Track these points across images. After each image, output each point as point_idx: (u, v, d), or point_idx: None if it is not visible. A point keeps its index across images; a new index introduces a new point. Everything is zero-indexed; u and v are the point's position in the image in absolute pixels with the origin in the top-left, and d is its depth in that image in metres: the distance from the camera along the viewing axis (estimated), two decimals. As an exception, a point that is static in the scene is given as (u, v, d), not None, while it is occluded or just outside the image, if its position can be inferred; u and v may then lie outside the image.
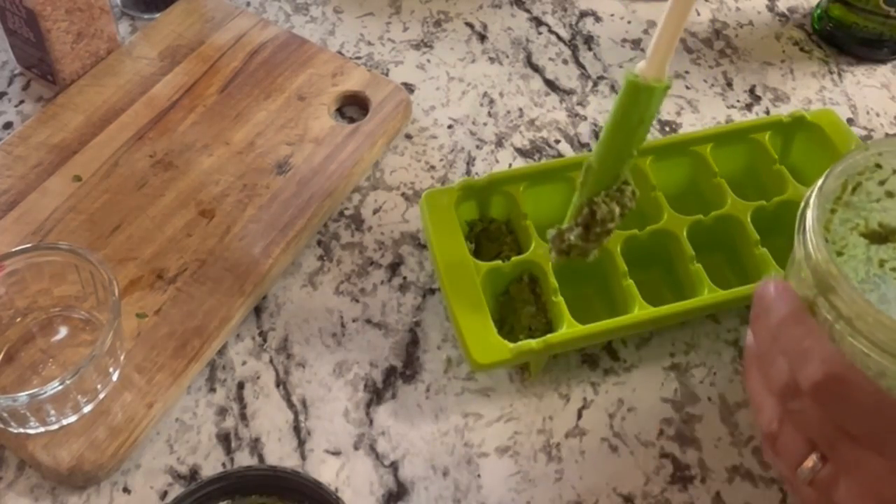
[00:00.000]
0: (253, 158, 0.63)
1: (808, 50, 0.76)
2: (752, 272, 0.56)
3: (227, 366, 0.55)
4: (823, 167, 0.60)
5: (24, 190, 0.60)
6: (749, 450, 0.53)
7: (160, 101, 0.66)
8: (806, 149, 0.63)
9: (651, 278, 0.57)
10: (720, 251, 0.59)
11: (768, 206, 0.58)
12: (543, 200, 0.59)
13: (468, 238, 0.58)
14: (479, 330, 0.52)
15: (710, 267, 0.56)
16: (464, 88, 0.71)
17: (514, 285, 0.57)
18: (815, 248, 0.41)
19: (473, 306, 0.53)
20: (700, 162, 0.61)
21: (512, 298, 0.56)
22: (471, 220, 0.60)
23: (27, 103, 0.68)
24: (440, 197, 0.58)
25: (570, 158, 0.62)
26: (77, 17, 0.65)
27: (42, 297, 0.54)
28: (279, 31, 0.71)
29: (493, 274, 0.55)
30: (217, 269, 0.57)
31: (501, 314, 0.56)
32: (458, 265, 0.55)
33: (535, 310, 0.55)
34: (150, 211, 0.59)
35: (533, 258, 0.56)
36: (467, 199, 0.59)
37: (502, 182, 0.59)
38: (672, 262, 0.58)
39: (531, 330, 0.55)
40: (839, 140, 0.62)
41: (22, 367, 0.52)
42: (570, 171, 0.59)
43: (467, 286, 0.54)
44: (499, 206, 0.60)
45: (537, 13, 0.78)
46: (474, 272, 0.55)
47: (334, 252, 0.61)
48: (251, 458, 0.52)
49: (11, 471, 0.50)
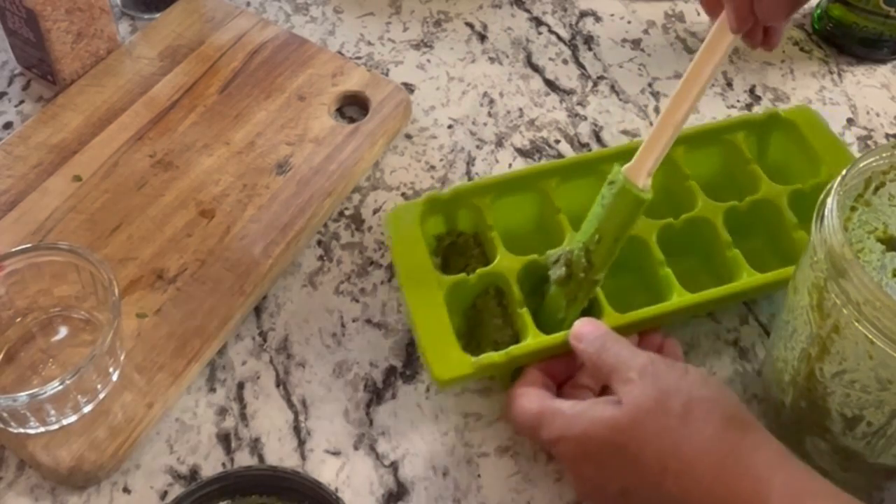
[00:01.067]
0: (253, 158, 0.63)
1: (808, 50, 0.76)
2: (724, 274, 0.56)
3: (227, 366, 0.55)
4: (801, 165, 0.60)
5: (24, 190, 0.60)
6: (749, 450, 0.53)
7: (160, 101, 0.66)
8: (783, 147, 0.63)
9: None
10: (693, 255, 0.58)
11: (740, 207, 0.58)
12: (511, 211, 0.59)
13: (436, 252, 0.58)
14: (440, 345, 0.51)
15: (683, 271, 0.55)
16: (464, 88, 0.71)
17: (480, 298, 0.56)
18: (832, 233, 0.41)
19: (435, 321, 0.52)
20: (670, 165, 0.59)
21: (479, 311, 0.56)
22: (439, 234, 0.59)
23: (27, 103, 0.68)
24: (405, 212, 0.57)
25: (535, 167, 0.60)
26: (77, 17, 0.65)
27: (42, 297, 0.54)
28: (279, 31, 0.71)
29: (458, 287, 0.54)
30: (217, 269, 0.57)
31: (469, 328, 0.55)
32: (421, 280, 0.54)
33: (502, 322, 0.55)
34: (150, 211, 0.59)
35: (497, 270, 0.55)
36: (434, 214, 0.58)
37: (468, 195, 0.58)
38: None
39: (497, 343, 0.53)
40: (817, 137, 0.61)
41: (22, 367, 0.52)
42: (538, 182, 0.58)
43: (430, 301, 0.53)
44: (466, 219, 0.59)
45: (537, 13, 0.77)
46: (437, 287, 0.54)
47: (334, 252, 0.61)
48: (251, 458, 0.52)
49: (11, 471, 0.50)
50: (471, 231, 0.59)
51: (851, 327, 0.41)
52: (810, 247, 0.44)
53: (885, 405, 0.43)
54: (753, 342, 0.57)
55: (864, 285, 0.40)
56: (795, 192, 0.59)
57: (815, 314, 0.44)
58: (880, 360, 0.41)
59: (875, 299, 0.39)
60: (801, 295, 0.45)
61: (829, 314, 0.42)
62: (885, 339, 0.40)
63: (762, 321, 0.58)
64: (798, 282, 0.46)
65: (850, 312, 0.41)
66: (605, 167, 0.57)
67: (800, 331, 0.46)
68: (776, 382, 0.50)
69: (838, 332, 0.42)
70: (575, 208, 0.57)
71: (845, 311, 0.41)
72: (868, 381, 0.42)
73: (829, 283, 0.42)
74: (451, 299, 0.54)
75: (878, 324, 0.40)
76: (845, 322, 0.41)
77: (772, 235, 0.59)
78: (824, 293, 0.42)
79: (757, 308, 0.59)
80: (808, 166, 0.61)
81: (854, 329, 0.41)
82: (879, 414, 0.44)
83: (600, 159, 0.60)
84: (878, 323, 0.40)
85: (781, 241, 0.58)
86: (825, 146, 0.61)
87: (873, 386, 0.42)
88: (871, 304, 0.39)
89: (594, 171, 0.59)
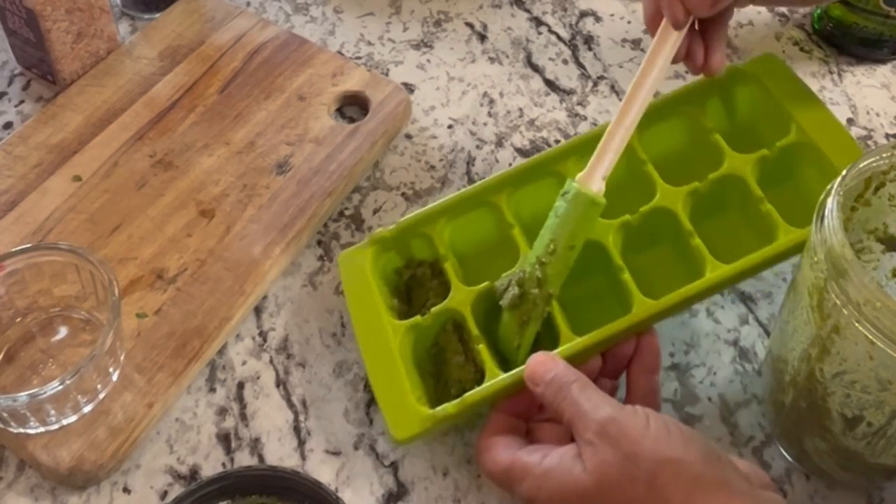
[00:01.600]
0: (253, 158, 0.63)
1: (808, 50, 0.76)
2: (693, 263, 0.52)
3: (227, 366, 0.55)
4: (770, 122, 0.57)
5: (24, 190, 0.60)
6: (749, 450, 0.53)
7: (160, 101, 0.66)
8: (750, 104, 0.59)
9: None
10: (662, 244, 0.55)
11: (702, 188, 0.54)
12: (466, 233, 0.57)
13: (398, 288, 0.55)
14: (396, 400, 0.49)
15: (653, 263, 0.53)
16: (464, 88, 0.71)
17: (441, 335, 0.53)
18: (832, 233, 0.41)
19: (390, 374, 0.50)
20: (626, 150, 0.53)
21: (442, 350, 0.53)
22: (398, 268, 0.57)
23: (27, 103, 0.68)
24: (355, 257, 0.55)
25: (487, 182, 0.57)
26: (77, 17, 0.65)
27: (42, 297, 0.54)
28: (279, 31, 0.71)
29: (416, 330, 0.52)
30: (217, 269, 0.57)
31: (435, 367, 0.53)
32: (375, 329, 0.52)
33: (464, 360, 0.52)
34: (150, 211, 0.59)
35: (452, 306, 0.52)
36: (386, 251, 0.56)
37: (415, 226, 0.55)
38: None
39: (461, 382, 0.51)
40: (784, 89, 0.57)
41: (22, 367, 0.52)
42: (487, 197, 0.56)
43: (383, 352, 0.51)
44: (423, 247, 0.56)
45: (537, 13, 0.77)
46: (391, 334, 0.51)
47: (334, 252, 0.61)
48: (251, 458, 0.52)
49: (11, 471, 0.50)
50: (430, 259, 0.56)
51: (852, 328, 0.41)
52: (810, 247, 0.44)
53: (886, 406, 0.43)
54: (753, 342, 0.57)
55: (864, 286, 0.40)
56: (761, 159, 0.55)
57: (815, 314, 0.44)
58: (880, 360, 0.41)
59: (875, 300, 0.39)
60: (801, 295, 0.45)
61: (829, 315, 0.42)
62: (885, 339, 0.40)
63: (762, 321, 0.58)
64: (798, 282, 0.46)
65: (851, 313, 0.41)
66: (555, 167, 0.56)
67: (800, 331, 0.46)
68: (776, 383, 0.50)
69: (838, 332, 0.42)
70: (531, 216, 0.55)
71: (845, 311, 0.41)
72: (868, 381, 0.42)
73: (830, 283, 0.42)
74: (412, 342, 0.52)
75: (879, 324, 0.40)
76: (845, 323, 0.41)
77: (742, 209, 0.55)
78: (824, 294, 0.42)
79: (757, 308, 0.59)
80: (777, 123, 0.56)
81: (854, 330, 0.41)
82: (879, 414, 0.44)
83: (549, 160, 0.57)
84: (879, 323, 0.40)
85: (751, 214, 0.54)
86: (793, 97, 0.57)
87: (873, 386, 0.42)
88: (872, 304, 0.39)
89: (545, 174, 0.57)
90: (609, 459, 0.42)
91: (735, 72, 0.58)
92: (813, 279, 0.43)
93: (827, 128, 0.55)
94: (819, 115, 0.56)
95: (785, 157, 0.55)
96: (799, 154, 0.55)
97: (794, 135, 0.55)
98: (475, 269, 0.54)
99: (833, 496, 0.51)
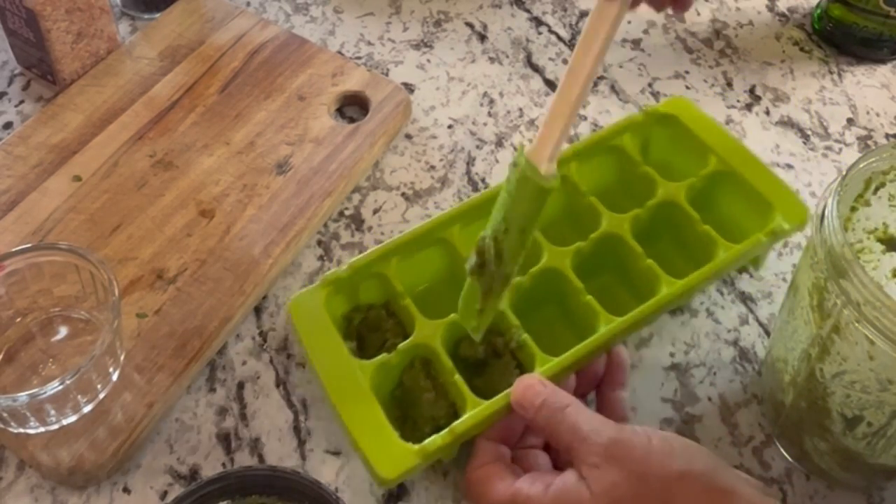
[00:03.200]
0: (253, 158, 0.63)
1: (808, 50, 0.76)
2: (643, 286, 0.55)
3: (227, 366, 0.55)
4: (687, 157, 0.61)
5: (24, 190, 0.60)
6: (749, 450, 0.53)
7: (160, 101, 0.66)
8: (665, 142, 0.62)
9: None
10: (608, 271, 0.57)
11: (643, 214, 0.57)
12: (419, 271, 0.56)
13: (348, 334, 0.53)
14: (378, 440, 0.47)
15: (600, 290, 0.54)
16: (464, 88, 0.71)
17: (406, 374, 0.52)
18: (832, 233, 0.41)
19: (366, 414, 0.48)
20: (567, 184, 0.59)
21: (407, 390, 0.52)
22: (346, 314, 0.55)
23: (27, 103, 0.68)
24: (307, 300, 0.53)
25: (439, 218, 0.56)
26: (77, 17, 0.65)
27: (42, 297, 0.54)
28: (279, 31, 0.71)
29: (382, 369, 0.51)
30: (217, 269, 0.57)
31: (400, 410, 0.51)
32: (341, 371, 0.50)
33: (435, 395, 0.51)
34: (150, 211, 0.59)
35: (420, 341, 0.51)
36: (337, 294, 0.54)
37: (369, 266, 0.54)
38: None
39: (435, 419, 0.50)
40: (698, 126, 0.61)
41: (22, 367, 0.52)
42: (439, 233, 0.56)
43: (355, 393, 0.49)
44: (372, 291, 0.55)
45: (537, 13, 0.77)
46: (360, 374, 0.50)
47: (334, 252, 0.61)
48: (251, 458, 0.52)
49: (11, 471, 0.50)
50: (380, 302, 0.55)
51: (852, 328, 0.41)
52: (810, 247, 0.44)
53: (886, 406, 0.43)
54: (753, 342, 0.57)
55: (864, 286, 0.40)
56: (690, 186, 0.58)
57: (815, 315, 0.44)
58: (880, 360, 0.41)
59: (875, 300, 0.39)
60: (801, 295, 0.45)
61: (829, 314, 0.42)
62: (885, 339, 0.40)
63: (762, 321, 0.58)
64: (798, 282, 0.46)
65: (851, 313, 0.41)
66: None
67: (800, 331, 0.46)
68: (776, 383, 0.50)
69: (838, 332, 0.42)
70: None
71: (846, 311, 0.41)
72: (868, 381, 0.42)
73: (830, 283, 0.42)
74: (377, 384, 0.50)
75: (879, 324, 0.40)
76: (845, 322, 0.41)
77: (677, 234, 0.58)
78: (825, 293, 0.42)
79: (757, 308, 0.59)
80: (694, 157, 0.60)
81: (854, 330, 0.41)
82: (880, 414, 0.44)
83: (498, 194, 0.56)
84: (879, 323, 0.40)
85: (688, 238, 0.58)
86: (708, 133, 0.61)
87: (873, 386, 0.42)
88: (872, 304, 0.39)
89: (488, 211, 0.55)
90: (618, 481, 0.42)
91: (652, 113, 0.62)
92: (813, 279, 0.43)
93: (741, 156, 0.60)
94: (732, 145, 0.61)
95: (710, 185, 0.60)
96: (720, 181, 0.60)
97: (713, 164, 0.60)
98: (431, 306, 0.53)
99: (833, 496, 0.51)
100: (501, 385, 0.50)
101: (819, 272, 0.42)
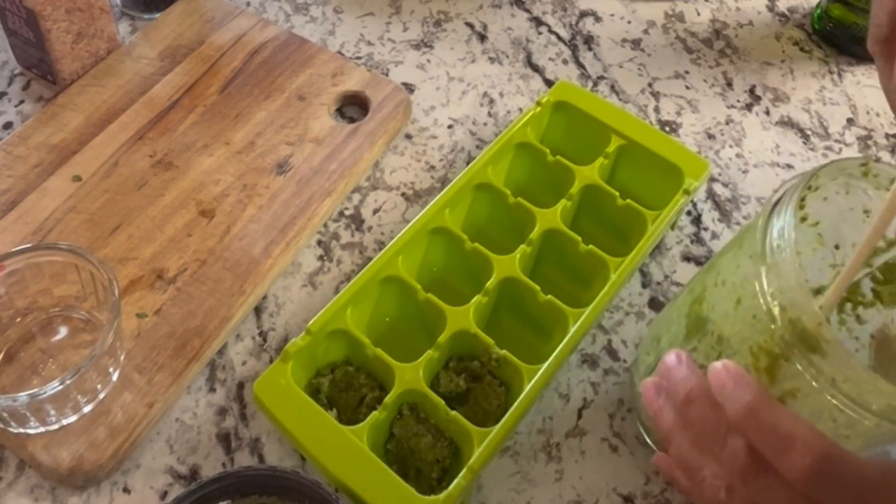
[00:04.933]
0: (253, 158, 0.63)
1: (808, 50, 0.76)
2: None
3: (227, 366, 0.55)
4: (587, 138, 0.62)
5: (24, 190, 0.60)
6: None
7: (160, 101, 0.66)
8: (565, 128, 0.63)
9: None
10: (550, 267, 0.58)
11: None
12: (375, 314, 0.54)
13: (320, 402, 0.50)
14: (399, 500, 0.45)
15: (551, 284, 0.54)
16: (464, 88, 0.71)
17: (396, 425, 0.50)
18: (798, 306, 0.36)
19: (379, 481, 0.46)
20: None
21: (401, 440, 0.50)
22: (311, 381, 0.52)
23: (27, 103, 0.68)
24: (274, 378, 0.49)
25: (376, 263, 0.54)
26: (77, 17, 0.65)
27: (42, 297, 0.54)
28: (279, 31, 0.71)
29: (375, 429, 0.48)
30: (217, 269, 0.57)
31: (399, 463, 0.50)
32: (336, 444, 0.47)
33: (432, 438, 0.50)
34: (150, 211, 0.59)
35: (405, 387, 0.49)
36: (300, 365, 0.51)
37: (326, 324, 0.51)
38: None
39: (440, 461, 0.49)
40: (587, 105, 0.62)
41: (22, 367, 0.52)
42: (379, 277, 0.53)
43: (356, 458, 0.46)
44: (333, 349, 0.53)
45: (537, 13, 0.78)
46: (356, 441, 0.47)
47: (334, 252, 0.61)
48: (251, 458, 0.52)
49: (11, 471, 0.50)
50: (340, 359, 0.53)
51: (818, 396, 0.36)
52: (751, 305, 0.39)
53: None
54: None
55: (848, 367, 0.35)
56: (601, 165, 0.60)
57: (762, 376, 0.39)
58: (846, 422, 0.37)
59: (864, 382, 0.35)
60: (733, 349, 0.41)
61: (785, 379, 0.38)
62: (864, 411, 0.36)
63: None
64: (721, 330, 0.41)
65: (822, 385, 0.36)
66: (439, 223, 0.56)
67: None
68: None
69: (794, 396, 0.38)
70: (428, 275, 0.57)
71: (815, 383, 0.36)
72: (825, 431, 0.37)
73: (794, 353, 0.37)
74: (370, 445, 0.47)
75: (860, 399, 0.35)
76: (808, 390, 0.37)
77: (600, 214, 0.60)
78: (782, 361, 0.38)
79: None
80: (595, 137, 0.62)
81: (821, 398, 0.36)
82: None
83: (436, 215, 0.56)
84: (860, 399, 0.35)
85: (611, 215, 0.59)
86: (599, 111, 0.62)
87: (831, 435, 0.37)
88: (855, 382, 0.35)
89: (427, 235, 0.56)
90: None
91: (545, 103, 0.63)
92: (762, 343, 0.38)
93: (635, 126, 0.62)
94: (624, 118, 0.62)
95: (615, 160, 0.62)
96: (625, 154, 0.61)
97: (615, 140, 0.61)
98: (397, 345, 0.52)
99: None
100: (490, 407, 0.51)
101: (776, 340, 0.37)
